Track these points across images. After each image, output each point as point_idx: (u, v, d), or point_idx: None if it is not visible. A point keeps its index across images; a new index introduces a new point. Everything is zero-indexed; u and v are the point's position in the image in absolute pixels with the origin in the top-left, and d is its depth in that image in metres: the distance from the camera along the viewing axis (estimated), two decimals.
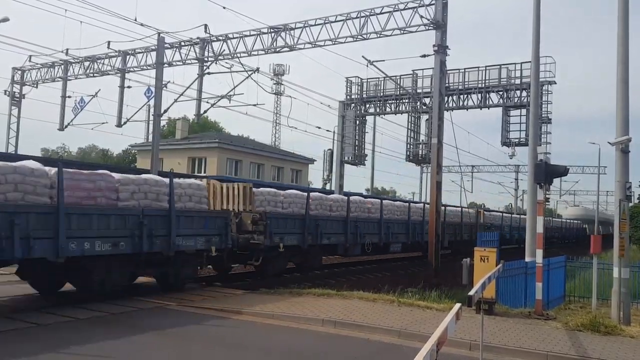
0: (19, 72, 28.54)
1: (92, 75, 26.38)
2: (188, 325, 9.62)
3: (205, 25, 22.23)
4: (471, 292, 6.16)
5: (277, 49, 22.22)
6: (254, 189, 16.24)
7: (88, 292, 11.65)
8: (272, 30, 22.11)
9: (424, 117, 30.02)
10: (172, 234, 12.19)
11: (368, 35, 20.58)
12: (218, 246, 13.51)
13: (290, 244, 16.53)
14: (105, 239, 10.86)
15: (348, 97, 31.56)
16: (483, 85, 28.11)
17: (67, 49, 24.47)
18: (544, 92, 26.04)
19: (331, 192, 29.88)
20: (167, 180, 12.53)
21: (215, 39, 23.05)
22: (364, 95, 31.62)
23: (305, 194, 17.83)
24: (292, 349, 8.53)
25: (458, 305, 5.23)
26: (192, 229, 12.86)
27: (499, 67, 27.99)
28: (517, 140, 27.51)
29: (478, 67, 28.45)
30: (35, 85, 28.48)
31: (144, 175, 12.64)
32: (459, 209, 30.49)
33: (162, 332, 9.11)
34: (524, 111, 26.93)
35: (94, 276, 11.32)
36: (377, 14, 20.36)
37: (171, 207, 12.28)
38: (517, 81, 27.45)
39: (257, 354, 8.11)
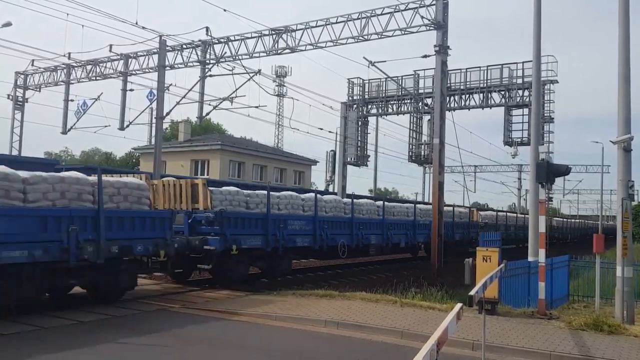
0: (22, 76, 28.63)
1: (94, 78, 26.45)
2: (191, 327, 9.65)
3: (207, 28, 22.29)
4: (472, 292, 6.16)
5: (279, 51, 22.22)
6: (212, 188, 15.19)
7: None
8: (273, 32, 22.14)
9: (426, 117, 29.97)
10: (101, 238, 10.82)
11: (369, 36, 20.58)
12: (155, 251, 12.06)
13: (250, 247, 15.17)
14: (10, 245, 9.46)
15: (350, 98, 31.55)
16: (485, 85, 28.05)
17: (70, 53, 24.53)
18: (546, 91, 25.98)
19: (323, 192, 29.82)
20: (91, 178, 11.29)
21: (216, 42, 23.08)
22: (366, 96, 31.61)
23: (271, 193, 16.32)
24: (294, 350, 8.54)
25: (459, 305, 5.23)
26: (126, 232, 11.48)
27: (500, 66, 27.92)
28: (519, 139, 27.43)
29: (480, 67, 28.41)
30: (38, 89, 28.54)
31: (63, 174, 11.13)
32: (451, 207, 29.04)
33: (165, 334, 9.14)
34: (526, 110, 26.85)
35: None
36: (378, 14, 20.36)
37: (99, 208, 10.85)
38: (519, 80, 27.37)
39: (259, 355, 8.13)
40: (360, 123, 31.31)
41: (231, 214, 14.84)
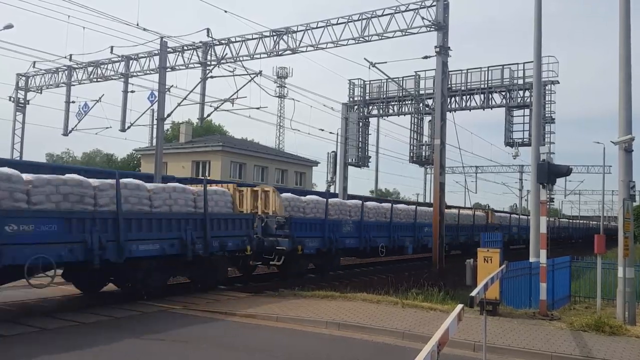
0: (23, 78, 28.67)
1: (95, 80, 26.47)
2: (192, 329, 9.65)
3: (208, 29, 22.29)
4: (473, 293, 6.16)
5: (280, 52, 22.24)
6: None
7: None
8: (274, 33, 22.16)
9: (427, 118, 29.99)
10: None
11: (370, 37, 20.59)
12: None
13: None
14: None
15: (351, 99, 31.55)
16: (486, 85, 28.04)
17: (71, 55, 24.52)
18: (546, 92, 25.96)
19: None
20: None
21: (217, 43, 23.10)
22: (367, 97, 31.62)
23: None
24: (295, 351, 8.54)
25: (460, 306, 5.23)
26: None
27: (501, 67, 27.91)
28: (520, 140, 27.42)
29: (480, 68, 28.39)
30: (39, 91, 28.56)
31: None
32: (413, 207, 25.12)
33: (166, 335, 9.14)
34: (527, 111, 26.84)
35: None
36: (379, 15, 20.37)
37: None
38: (520, 81, 27.36)
39: (262, 356, 8.14)
40: (361, 124, 31.33)
41: None
